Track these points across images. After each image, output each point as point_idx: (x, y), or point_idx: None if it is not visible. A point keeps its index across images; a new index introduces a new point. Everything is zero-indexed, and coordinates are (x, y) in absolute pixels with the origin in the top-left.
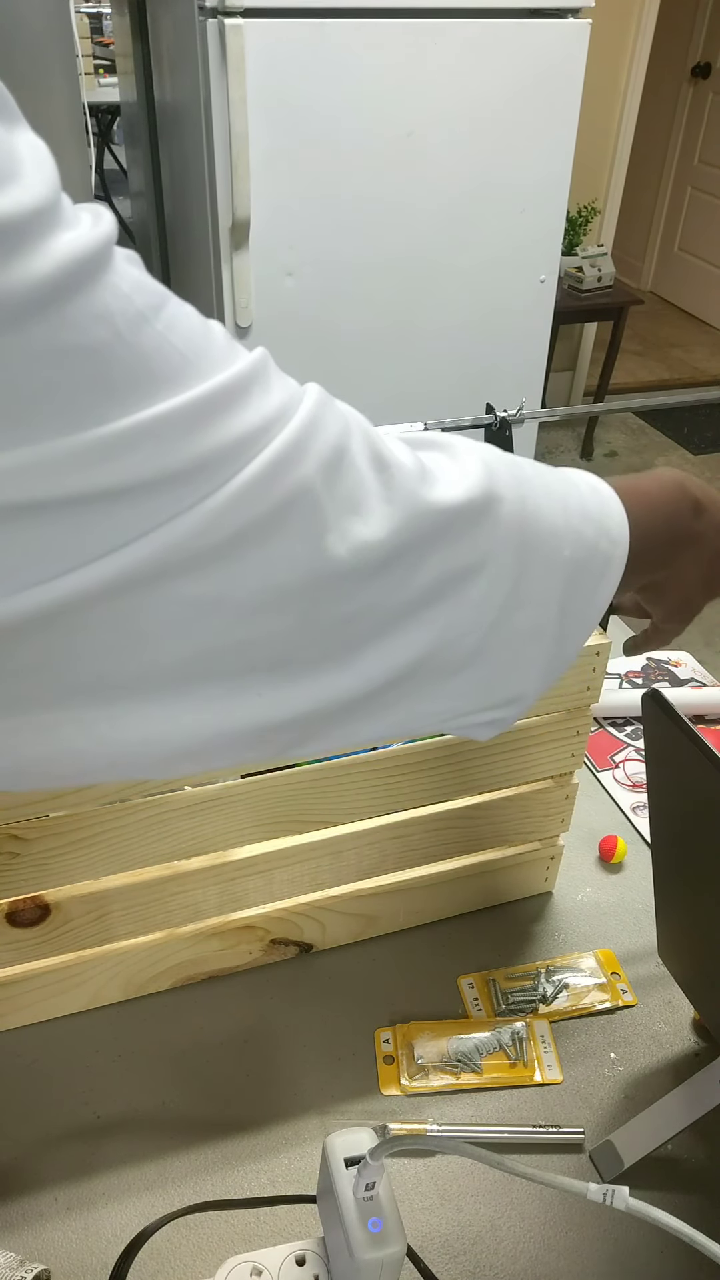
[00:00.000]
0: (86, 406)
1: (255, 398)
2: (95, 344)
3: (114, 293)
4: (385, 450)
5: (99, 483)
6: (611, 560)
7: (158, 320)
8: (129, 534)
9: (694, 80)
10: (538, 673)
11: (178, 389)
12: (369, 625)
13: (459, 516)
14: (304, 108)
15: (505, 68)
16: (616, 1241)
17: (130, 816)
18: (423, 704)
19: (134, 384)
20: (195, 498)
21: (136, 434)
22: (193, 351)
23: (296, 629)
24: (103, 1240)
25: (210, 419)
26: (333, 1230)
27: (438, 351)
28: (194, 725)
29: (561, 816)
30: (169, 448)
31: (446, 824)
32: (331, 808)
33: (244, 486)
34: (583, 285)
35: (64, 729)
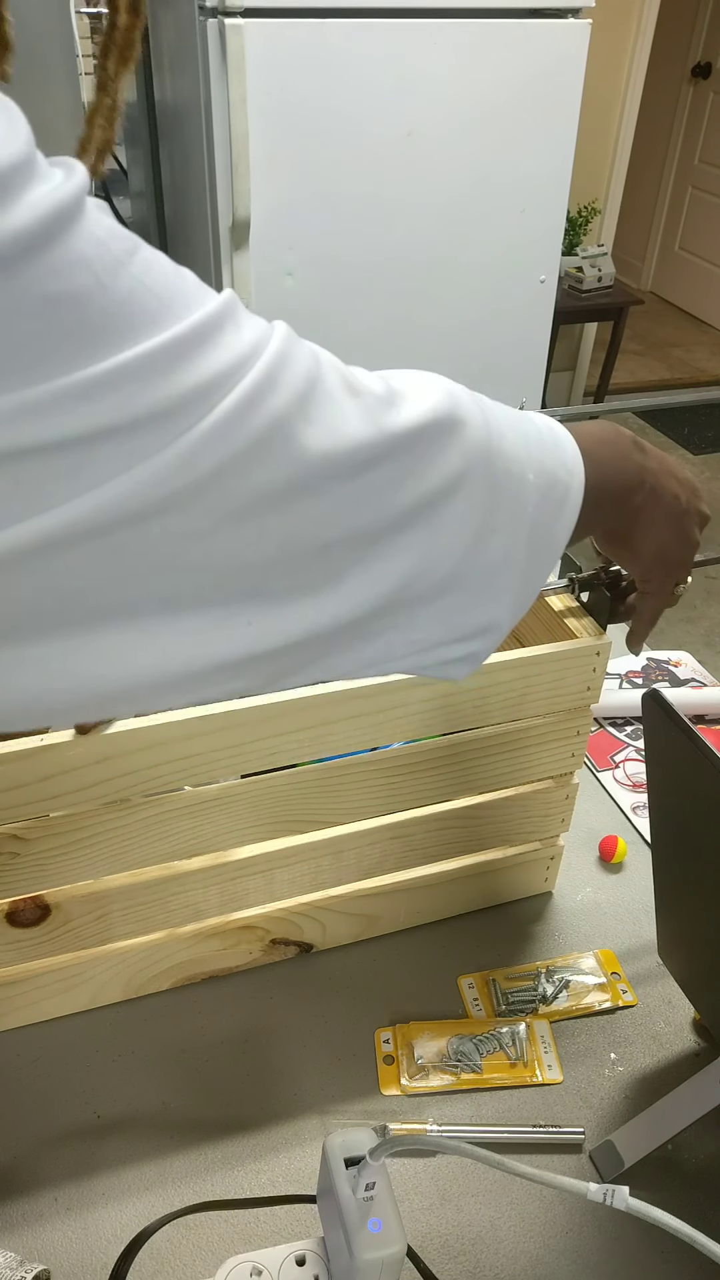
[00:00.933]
0: (70, 351)
1: (228, 335)
2: (76, 290)
3: (90, 240)
4: (354, 378)
5: (84, 425)
6: (570, 489)
7: (132, 265)
8: (113, 471)
9: (694, 80)
10: (509, 601)
11: (155, 330)
12: (351, 550)
13: (426, 433)
14: (304, 108)
15: (505, 67)
16: (617, 1241)
17: (130, 816)
18: (403, 632)
19: (114, 327)
20: (175, 433)
21: (118, 376)
22: (167, 294)
23: (282, 555)
24: (103, 1240)
25: (187, 358)
26: (333, 1230)
27: (438, 351)
28: (186, 654)
29: (562, 816)
30: (149, 387)
31: (447, 824)
32: (332, 808)
33: (222, 419)
34: (583, 285)
35: (59, 661)
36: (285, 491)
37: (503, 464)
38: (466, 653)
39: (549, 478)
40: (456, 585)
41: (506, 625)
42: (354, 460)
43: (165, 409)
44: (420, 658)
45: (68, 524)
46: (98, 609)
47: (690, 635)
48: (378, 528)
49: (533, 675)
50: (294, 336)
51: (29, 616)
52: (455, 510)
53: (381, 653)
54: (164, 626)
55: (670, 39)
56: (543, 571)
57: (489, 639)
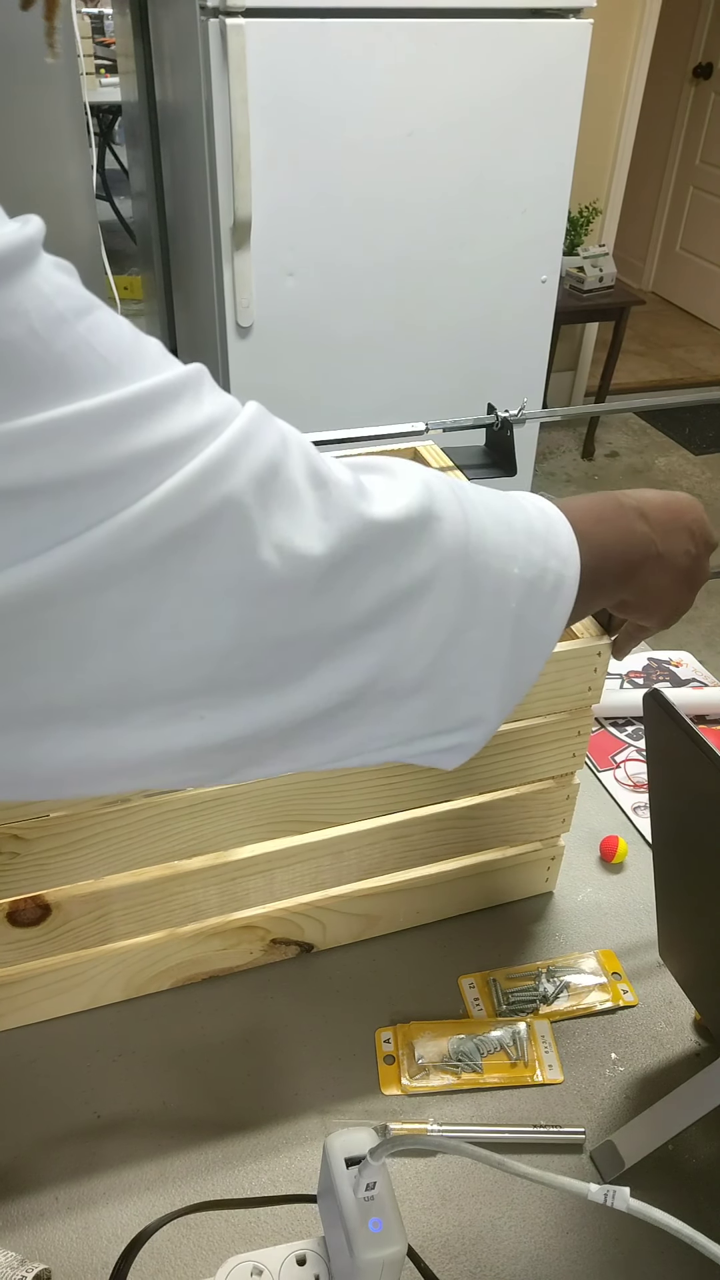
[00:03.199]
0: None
1: (184, 407)
2: (6, 338)
3: (32, 291)
4: (323, 468)
5: (7, 479)
6: (564, 579)
7: (79, 324)
8: (47, 539)
9: (695, 80)
10: (495, 695)
11: (96, 390)
12: (311, 648)
13: (397, 531)
14: (305, 108)
15: (506, 68)
16: (617, 1242)
17: (131, 816)
18: (374, 727)
19: (47, 382)
20: (117, 504)
21: (49, 431)
22: (116, 357)
23: (235, 648)
24: (103, 1240)
25: (131, 423)
26: (333, 1230)
27: (438, 352)
28: (134, 746)
29: (562, 817)
30: (85, 447)
31: (447, 824)
32: (332, 808)
33: (167, 496)
34: (584, 285)
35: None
36: (237, 582)
37: (482, 559)
38: (453, 744)
39: (538, 569)
40: (431, 682)
41: (494, 718)
42: (310, 560)
43: (104, 473)
44: (401, 749)
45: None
46: (33, 694)
47: (691, 635)
48: (338, 628)
49: None
50: (265, 416)
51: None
52: (426, 609)
53: (355, 746)
54: (109, 719)
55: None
56: (533, 664)
57: (476, 731)
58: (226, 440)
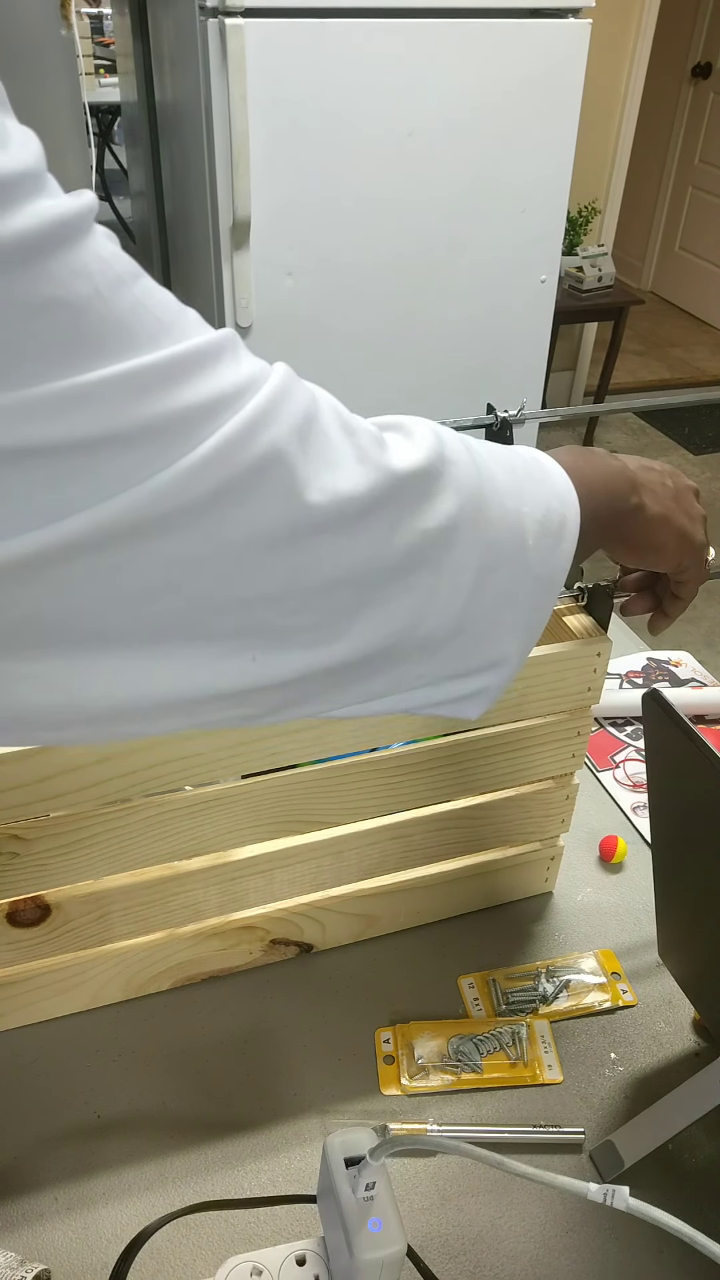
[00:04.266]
0: (64, 356)
1: (227, 365)
2: (75, 298)
3: (94, 255)
4: (350, 419)
5: (78, 431)
6: (566, 518)
7: (135, 286)
8: (108, 489)
9: (694, 80)
10: (517, 635)
11: (153, 348)
12: (355, 591)
13: (421, 476)
14: (304, 107)
15: (506, 67)
16: (617, 1241)
17: (131, 816)
18: (411, 668)
19: (111, 339)
20: (172, 455)
21: (114, 385)
22: (168, 319)
23: (285, 592)
24: (103, 1240)
25: (186, 377)
26: (333, 1230)
27: (438, 351)
28: (187, 682)
29: (562, 817)
30: (146, 401)
31: (447, 824)
32: (332, 808)
33: (220, 445)
34: (583, 285)
35: (57, 676)
36: (285, 525)
37: (496, 500)
38: (478, 687)
39: (543, 508)
40: (464, 623)
41: (516, 659)
42: (352, 499)
43: (161, 426)
44: (430, 692)
45: (64, 538)
46: (95, 630)
47: (690, 635)
48: (381, 568)
49: (533, 675)
50: (294, 375)
51: (24, 632)
52: (457, 549)
53: (389, 686)
54: (165, 654)
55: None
56: (548, 602)
57: (500, 673)
58: (267, 394)
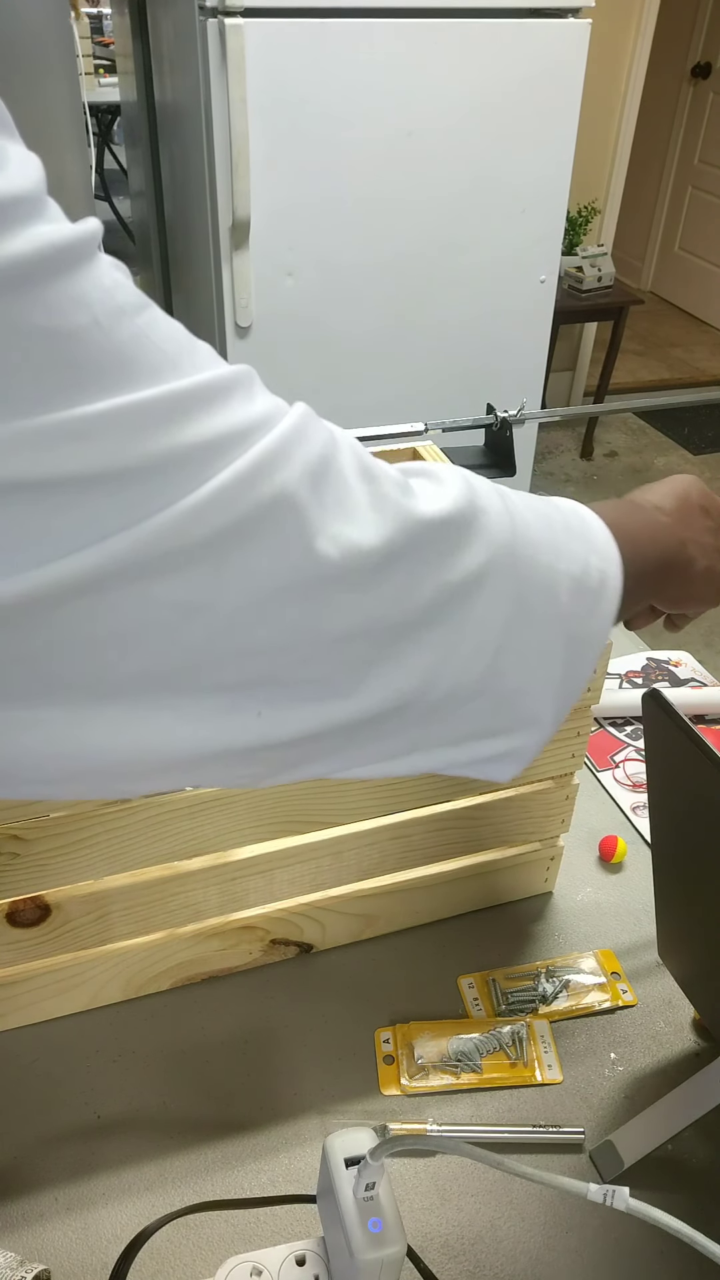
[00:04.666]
0: (58, 388)
1: (238, 401)
2: (71, 328)
3: (94, 284)
4: (371, 464)
5: (69, 466)
6: (606, 575)
7: (138, 317)
8: (104, 528)
9: (694, 80)
10: (550, 697)
11: (155, 382)
12: (368, 645)
13: (446, 526)
14: (304, 108)
15: (505, 67)
16: (616, 1242)
17: (131, 817)
18: (432, 728)
19: (109, 371)
20: (173, 494)
21: (110, 419)
22: (173, 351)
23: (292, 643)
24: (103, 1240)
25: (189, 414)
26: (333, 1230)
27: (438, 351)
28: (189, 738)
29: (562, 817)
30: (144, 437)
31: (447, 824)
32: (332, 808)
33: (224, 486)
34: (583, 285)
35: (52, 727)
36: (292, 574)
37: (529, 554)
38: (507, 749)
39: (582, 565)
40: (488, 682)
41: (550, 721)
42: (366, 552)
43: (160, 463)
44: (453, 752)
45: (56, 579)
46: (90, 678)
47: (690, 635)
48: (395, 624)
49: None
50: (312, 415)
51: (13, 677)
52: (481, 605)
53: (408, 746)
54: (165, 705)
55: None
56: (586, 662)
57: (532, 735)
58: (279, 434)
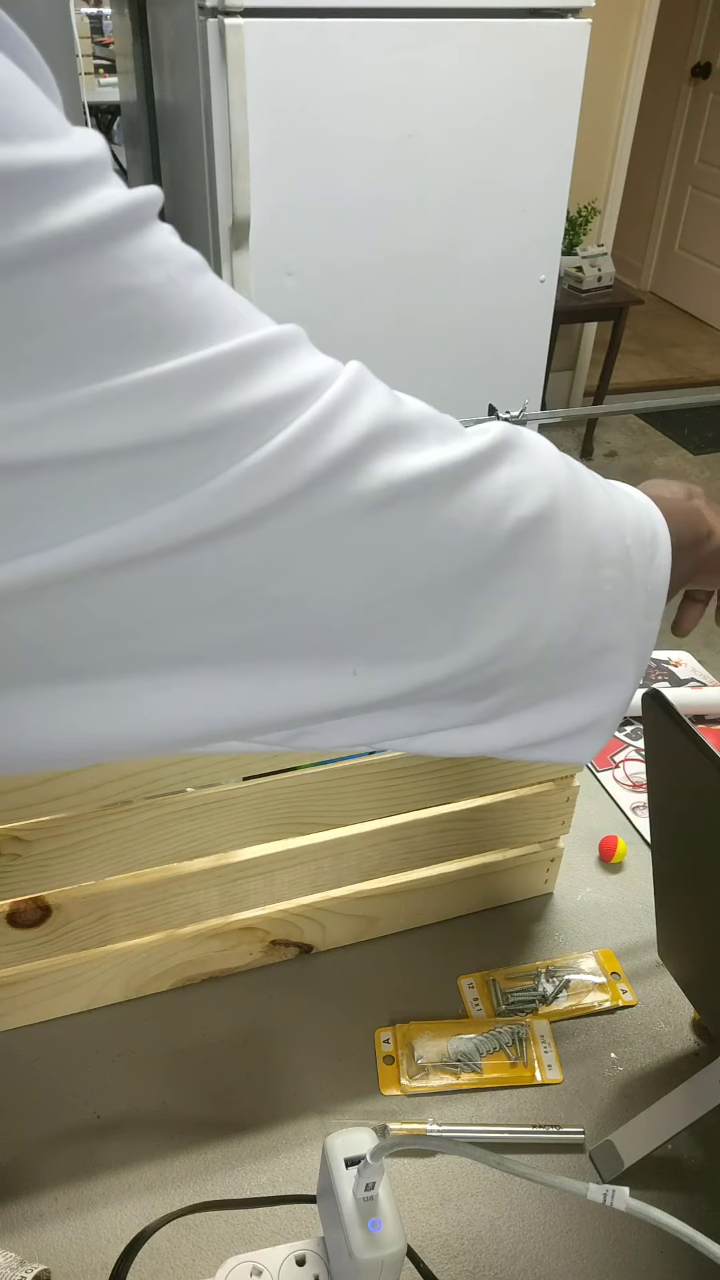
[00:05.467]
0: (140, 346)
1: (304, 354)
2: (150, 285)
3: (165, 243)
4: (427, 409)
5: (152, 427)
6: (656, 530)
7: (208, 274)
8: (182, 485)
9: (694, 80)
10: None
11: (230, 336)
12: (460, 591)
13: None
14: (304, 108)
15: (505, 67)
16: (616, 1242)
17: (132, 818)
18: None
19: (191, 326)
20: (251, 445)
21: (195, 374)
22: (241, 309)
23: (379, 598)
24: (103, 1240)
25: (267, 366)
26: (333, 1230)
27: (438, 351)
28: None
29: (562, 819)
30: (228, 390)
31: (447, 826)
32: (333, 810)
33: (307, 428)
34: (583, 285)
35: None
36: (372, 522)
37: (590, 494)
38: (592, 717)
39: (633, 516)
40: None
41: (632, 679)
42: (443, 480)
43: (246, 414)
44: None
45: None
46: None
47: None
48: (484, 562)
49: None
50: (367, 371)
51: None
52: (561, 542)
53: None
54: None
55: (670, 39)
56: (656, 614)
57: (615, 695)
58: (345, 384)
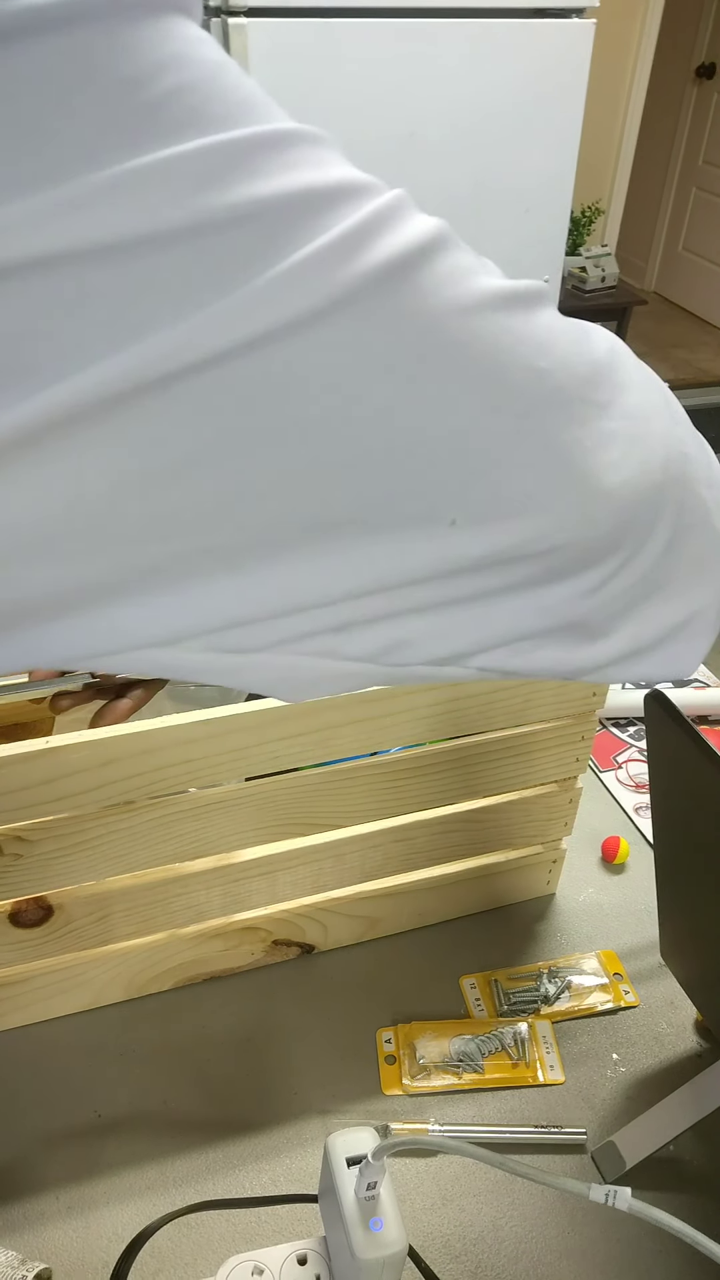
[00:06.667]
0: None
1: (341, 157)
2: (213, 59)
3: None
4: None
5: (194, 208)
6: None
7: (238, 69)
8: (232, 278)
9: (698, 80)
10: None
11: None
12: (559, 418)
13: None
14: (307, 107)
15: (509, 67)
16: (618, 1242)
17: (134, 819)
18: (625, 562)
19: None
20: (314, 231)
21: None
22: (271, 104)
23: (471, 427)
24: (104, 1239)
25: (317, 154)
26: (334, 1230)
27: None
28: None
29: (565, 820)
30: (277, 170)
31: (450, 827)
32: (335, 811)
33: (368, 223)
34: (586, 285)
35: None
36: (458, 319)
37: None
38: (687, 613)
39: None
40: (679, 498)
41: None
42: (522, 301)
43: (301, 197)
44: (640, 625)
45: (181, 346)
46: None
47: None
48: (580, 388)
49: (538, 680)
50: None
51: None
52: (651, 393)
53: (608, 602)
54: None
55: (674, 39)
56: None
57: (711, 585)
58: (402, 191)
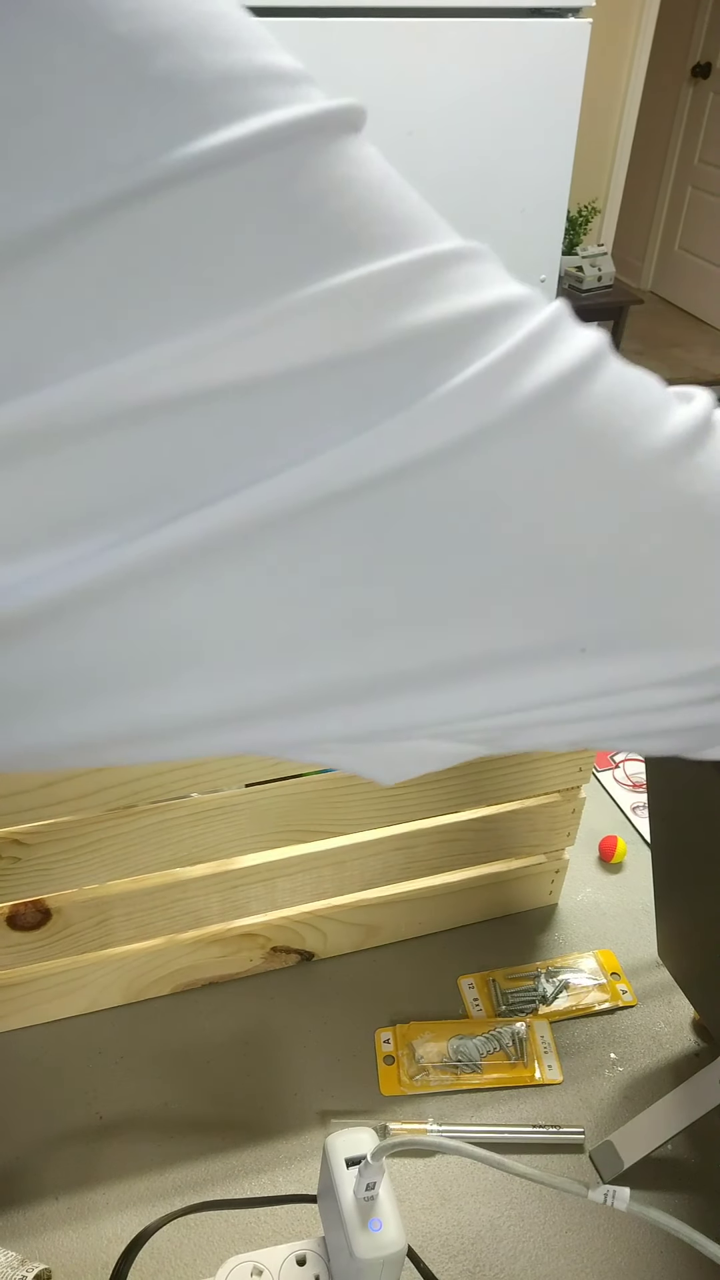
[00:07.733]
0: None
1: (502, 270)
2: (375, 177)
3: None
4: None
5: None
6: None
7: (401, 182)
8: (389, 404)
9: (694, 80)
10: None
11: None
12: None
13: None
14: None
15: (505, 67)
16: (616, 1242)
17: (134, 823)
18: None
19: (396, 229)
20: (472, 355)
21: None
22: (434, 216)
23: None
24: (103, 1240)
25: (479, 271)
26: (333, 1230)
27: None
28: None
29: (568, 830)
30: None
31: (451, 836)
32: (336, 818)
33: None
34: (583, 285)
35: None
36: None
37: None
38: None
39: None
40: None
41: None
42: (684, 425)
43: (462, 321)
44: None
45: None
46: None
47: None
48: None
49: None
50: None
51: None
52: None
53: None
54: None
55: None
56: None
57: None
58: (561, 305)
